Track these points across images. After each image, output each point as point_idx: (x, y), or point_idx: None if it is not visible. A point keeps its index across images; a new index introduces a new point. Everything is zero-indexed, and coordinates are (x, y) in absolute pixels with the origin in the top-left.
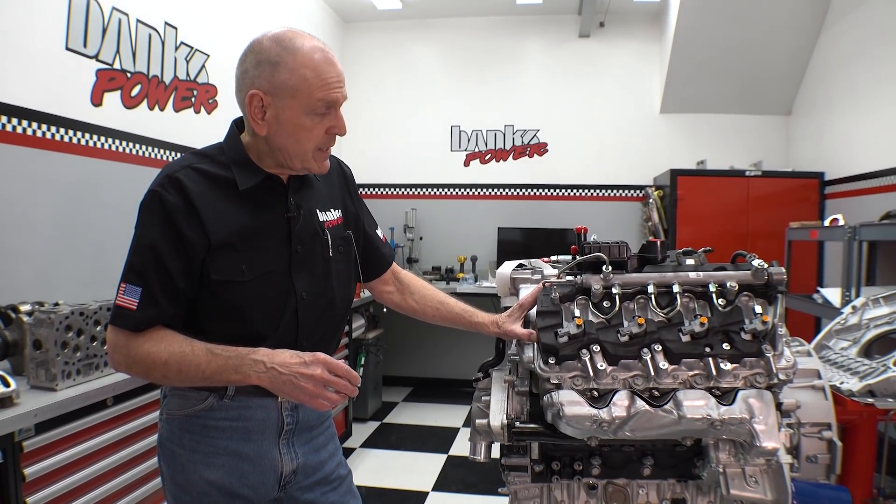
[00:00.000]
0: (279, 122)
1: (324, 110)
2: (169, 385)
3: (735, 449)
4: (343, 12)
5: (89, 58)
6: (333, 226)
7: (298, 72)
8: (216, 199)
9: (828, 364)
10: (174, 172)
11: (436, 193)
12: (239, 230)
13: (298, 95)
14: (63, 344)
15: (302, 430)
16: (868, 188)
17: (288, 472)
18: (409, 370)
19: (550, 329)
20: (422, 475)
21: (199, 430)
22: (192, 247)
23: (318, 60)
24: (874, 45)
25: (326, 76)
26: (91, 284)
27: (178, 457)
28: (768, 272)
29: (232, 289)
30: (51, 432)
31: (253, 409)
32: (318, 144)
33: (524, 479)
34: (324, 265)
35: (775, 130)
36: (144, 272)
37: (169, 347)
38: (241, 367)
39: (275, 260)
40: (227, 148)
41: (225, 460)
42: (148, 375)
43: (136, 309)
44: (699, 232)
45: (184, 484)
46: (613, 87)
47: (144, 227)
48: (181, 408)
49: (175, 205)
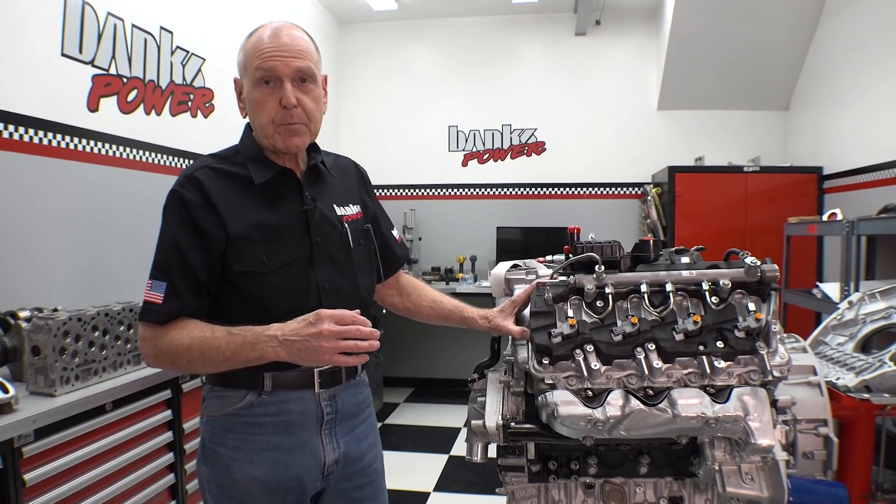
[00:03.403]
0: (246, 102)
1: (265, 80)
2: (194, 372)
3: (731, 447)
4: (339, 14)
5: (85, 63)
6: (352, 220)
7: (247, 50)
8: (233, 195)
9: (824, 360)
10: (192, 172)
11: (434, 194)
12: (257, 223)
13: (247, 70)
14: (61, 350)
15: (343, 420)
16: (867, 182)
17: (331, 462)
18: (410, 371)
19: (544, 329)
20: (423, 475)
21: (242, 428)
22: (212, 241)
23: (263, 35)
24: (871, 39)
25: (263, 47)
26: (90, 290)
27: (221, 457)
28: (761, 269)
29: (253, 279)
30: (50, 438)
31: (292, 402)
32: (271, 117)
33: (521, 479)
34: (345, 256)
35: (773, 126)
36: (168, 268)
37: (191, 333)
38: (258, 344)
39: (295, 251)
40: (242, 147)
41: (269, 455)
42: (174, 364)
43: (162, 303)
44: (698, 228)
45: (227, 485)
46: (610, 84)
47: (167, 226)
48: (221, 408)
49: (194, 202)
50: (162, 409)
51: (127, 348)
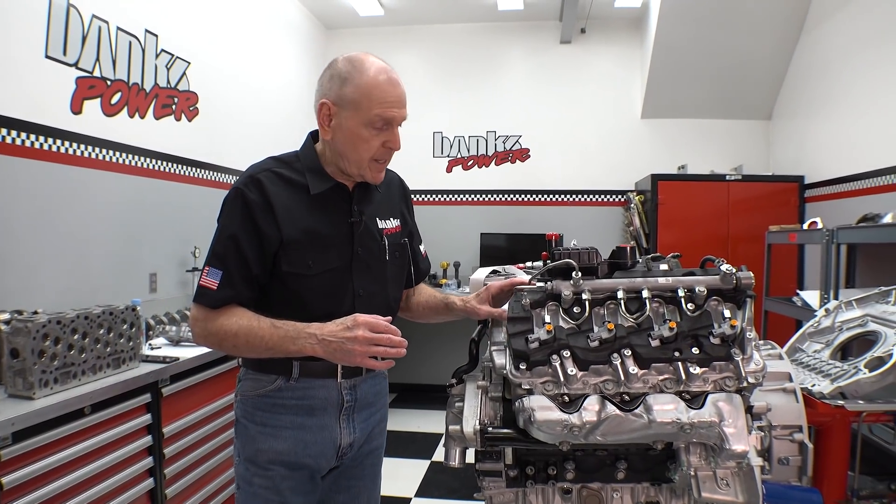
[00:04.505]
0: (342, 130)
1: (381, 125)
2: (238, 355)
3: (706, 452)
4: (325, 19)
5: (69, 65)
6: (391, 233)
7: (362, 89)
8: (290, 200)
9: (800, 367)
10: (256, 174)
11: (418, 200)
12: (308, 230)
13: (360, 109)
14: (40, 353)
15: (361, 407)
16: (847, 191)
17: (345, 445)
18: (392, 377)
19: (521, 335)
20: (405, 481)
21: (269, 407)
22: (267, 240)
23: (382, 81)
24: (853, 51)
25: (386, 96)
26: (71, 292)
27: (250, 430)
28: (737, 277)
29: (299, 280)
30: (28, 441)
31: (316, 388)
32: (373, 155)
33: (499, 484)
34: (380, 267)
35: (755, 135)
36: (225, 258)
37: (239, 321)
38: (298, 339)
39: (337, 259)
40: (303, 156)
41: (290, 433)
42: (221, 346)
43: (216, 289)
44: (681, 236)
45: (252, 454)
46: (595, 92)
47: (228, 219)
48: (253, 389)
49: (255, 202)
50: (141, 413)
51: (106, 351)
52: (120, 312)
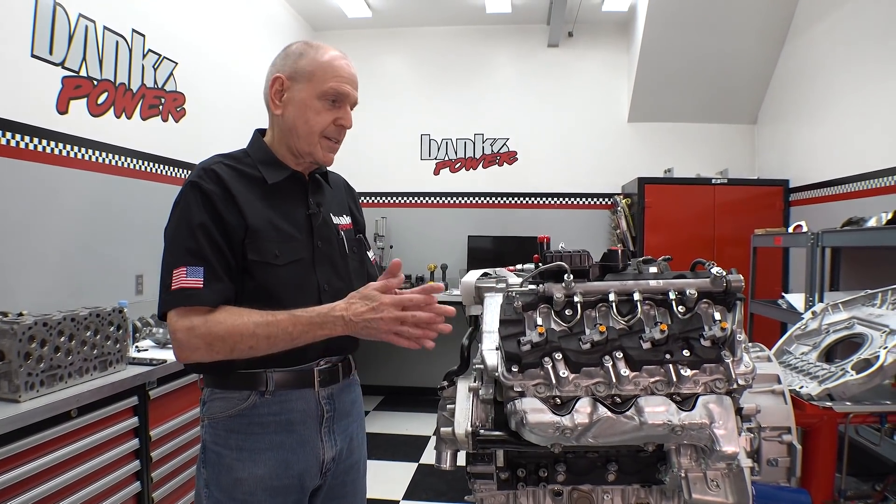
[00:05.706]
0: (293, 104)
1: (333, 98)
2: (253, 356)
3: (696, 454)
4: (313, 20)
5: (55, 65)
6: (345, 229)
7: (318, 62)
8: (248, 192)
9: (788, 369)
10: (209, 165)
11: (406, 202)
12: (270, 220)
13: (314, 80)
14: (26, 355)
15: (340, 418)
16: (831, 195)
17: (328, 460)
18: (380, 379)
19: (513, 337)
20: (393, 484)
21: (245, 428)
22: (233, 230)
23: (337, 57)
24: (836, 56)
25: (341, 71)
26: (55, 294)
27: (224, 458)
28: (727, 279)
29: (267, 271)
30: (14, 444)
31: (293, 401)
32: (324, 130)
33: (490, 486)
34: (342, 262)
35: (741, 139)
36: (202, 251)
37: (252, 318)
38: (326, 323)
39: (301, 250)
40: (253, 150)
41: (271, 455)
42: (233, 351)
43: (204, 286)
44: (667, 239)
45: (230, 485)
46: (582, 96)
47: (190, 213)
48: (224, 409)
49: (214, 192)
50: (128, 416)
51: (93, 354)
52: (107, 314)
